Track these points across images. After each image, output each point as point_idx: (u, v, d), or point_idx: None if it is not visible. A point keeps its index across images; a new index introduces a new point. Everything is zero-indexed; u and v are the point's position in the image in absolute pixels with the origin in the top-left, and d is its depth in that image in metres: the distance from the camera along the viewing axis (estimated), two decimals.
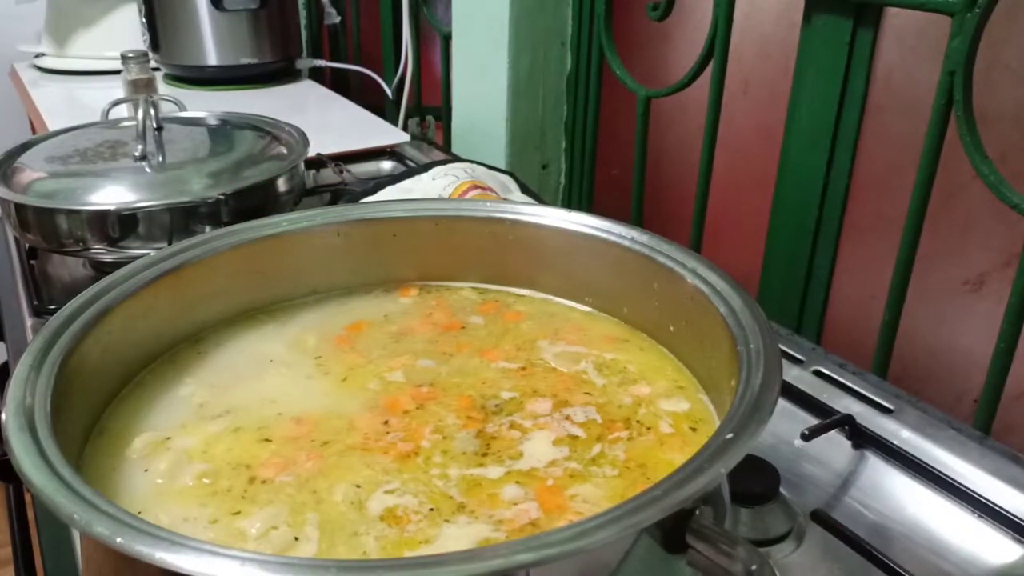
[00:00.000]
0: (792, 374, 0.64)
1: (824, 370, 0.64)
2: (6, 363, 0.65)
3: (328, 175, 1.03)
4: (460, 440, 0.43)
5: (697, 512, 0.31)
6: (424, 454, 0.42)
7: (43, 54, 1.61)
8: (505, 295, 0.57)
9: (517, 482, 0.40)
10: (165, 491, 0.39)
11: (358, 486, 0.39)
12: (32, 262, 0.84)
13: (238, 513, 0.38)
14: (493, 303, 0.56)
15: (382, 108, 1.45)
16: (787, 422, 0.58)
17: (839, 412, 0.58)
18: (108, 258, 0.74)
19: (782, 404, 0.60)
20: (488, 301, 0.56)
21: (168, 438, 0.43)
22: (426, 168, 0.87)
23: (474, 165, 0.89)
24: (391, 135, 1.23)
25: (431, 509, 0.38)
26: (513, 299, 0.56)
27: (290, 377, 0.49)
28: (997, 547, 0.50)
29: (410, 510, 0.38)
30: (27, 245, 0.84)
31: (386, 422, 0.44)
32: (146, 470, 0.41)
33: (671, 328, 0.49)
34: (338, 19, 1.61)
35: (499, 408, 0.45)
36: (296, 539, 0.36)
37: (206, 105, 1.16)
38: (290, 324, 0.54)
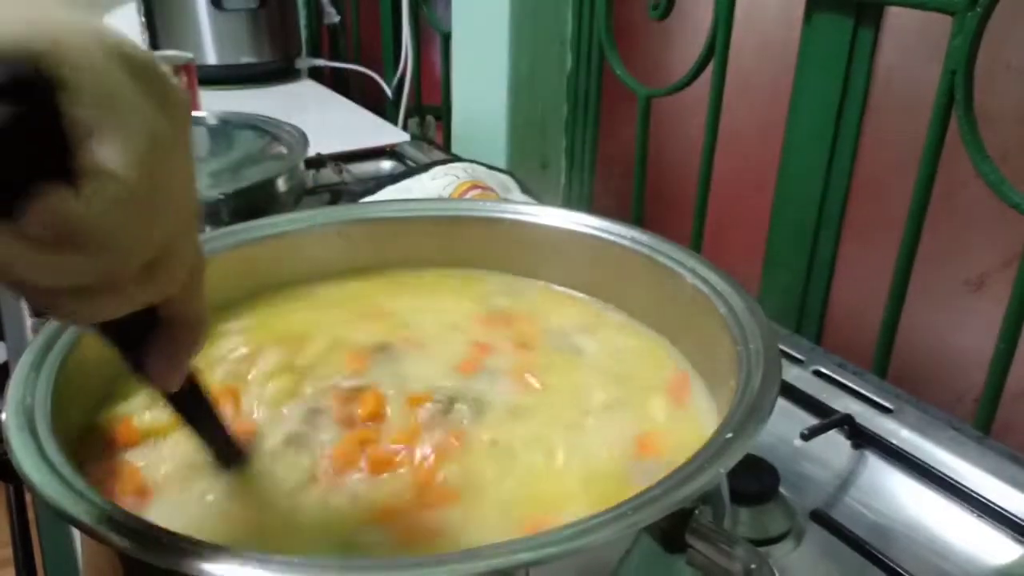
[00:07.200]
0: (792, 374, 0.64)
1: (824, 370, 0.64)
2: (6, 363, 0.65)
3: (328, 175, 1.03)
4: None
5: (697, 511, 0.31)
6: None
7: None
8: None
9: None
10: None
11: None
12: None
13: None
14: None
15: (382, 108, 1.45)
16: (787, 422, 0.58)
17: (839, 412, 0.58)
18: None
19: (782, 404, 0.59)
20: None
21: (169, 435, 0.43)
22: (426, 168, 0.87)
23: (474, 165, 0.89)
24: (391, 135, 1.23)
25: None
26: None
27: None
28: (997, 547, 0.50)
29: None
30: None
31: None
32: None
33: (671, 328, 0.49)
34: (337, 18, 1.61)
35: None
36: None
37: (206, 104, 1.17)
38: (298, 314, 0.54)
